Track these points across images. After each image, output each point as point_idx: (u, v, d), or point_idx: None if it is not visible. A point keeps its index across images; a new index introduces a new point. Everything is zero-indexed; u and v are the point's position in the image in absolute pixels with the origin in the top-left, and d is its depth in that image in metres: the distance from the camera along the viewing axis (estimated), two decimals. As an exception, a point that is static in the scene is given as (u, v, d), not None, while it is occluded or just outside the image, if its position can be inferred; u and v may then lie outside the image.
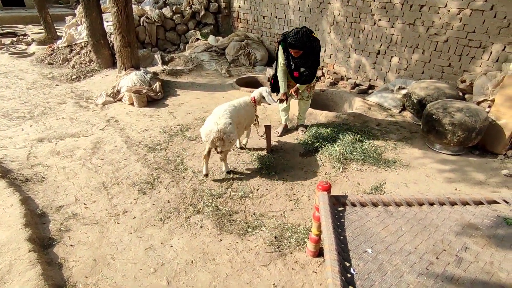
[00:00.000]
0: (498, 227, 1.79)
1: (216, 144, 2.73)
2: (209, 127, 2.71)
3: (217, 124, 2.69)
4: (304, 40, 3.02)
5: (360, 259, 1.51)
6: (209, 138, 2.71)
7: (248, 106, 3.17)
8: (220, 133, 2.66)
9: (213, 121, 2.74)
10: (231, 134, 2.71)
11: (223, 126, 2.67)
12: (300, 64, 3.28)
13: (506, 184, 2.94)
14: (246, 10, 7.37)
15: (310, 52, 3.17)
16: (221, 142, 2.71)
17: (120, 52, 5.11)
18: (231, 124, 2.72)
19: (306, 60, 3.23)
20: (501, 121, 3.36)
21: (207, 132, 2.71)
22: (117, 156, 3.33)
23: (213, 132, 2.67)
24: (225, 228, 2.40)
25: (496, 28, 3.72)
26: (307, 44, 3.07)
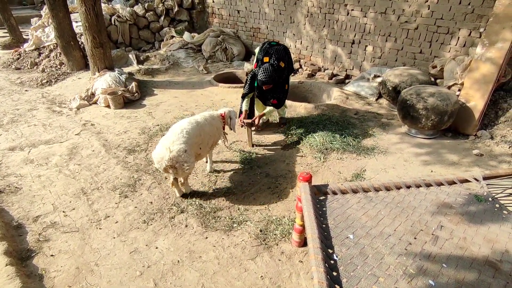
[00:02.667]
0: (470, 204, 1.88)
1: (169, 171, 2.42)
2: (161, 154, 2.35)
3: (169, 150, 2.32)
4: (274, 77, 3.20)
5: (342, 245, 1.56)
6: (161, 166, 2.39)
7: (215, 120, 2.83)
8: (172, 161, 2.31)
9: (165, 145, 2.35)
10: (184, 164, 2.34)
11: (176, 153, 2.31)
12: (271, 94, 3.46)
13: (477, 163, 3.09)
14: (220, 5, 7.28)
15: (279, 80, 3.35)
16: (173, 170, 2.39)
17: (92, 53, 4.94)
18: (185, 151, 2.34)
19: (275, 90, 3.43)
20: (470, 104, 3.50)
21: (158, 159, 2.37)
22: (95, 161, 3.24)
23: (164, 160, 2.33)
24: (210, 225, 2.39)
25: (462, 14, 3.86)
26: (276, 79, 3.25)
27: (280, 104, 3.54)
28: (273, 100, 3.47)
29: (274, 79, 3.21)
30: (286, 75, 3.45)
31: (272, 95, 3.45)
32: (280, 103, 3.53)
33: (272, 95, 3.45)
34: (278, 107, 3.56)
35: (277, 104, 3.51)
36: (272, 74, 3.18)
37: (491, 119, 3.59)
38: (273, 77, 3.20)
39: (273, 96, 3.46)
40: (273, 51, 3.34)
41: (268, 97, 3.48)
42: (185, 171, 2.41)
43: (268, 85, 3.25)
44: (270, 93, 3.44)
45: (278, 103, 3.51)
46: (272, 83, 3.24)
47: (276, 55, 3.30)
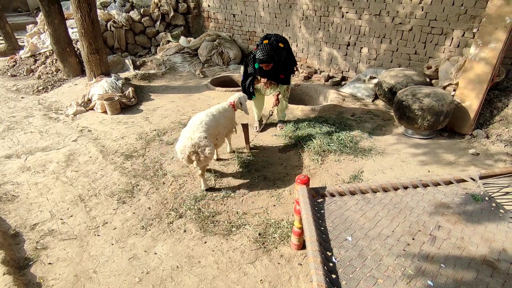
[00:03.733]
0: (467, 203, 1.89)
1: (192, 159, 2.57)
2: (183, 143, 2.56)
3: (191, 138, 2.53)
4: (271, 52, 3.15)
5: (341, 247, 1.56)
6: (184, 154, 2.56)
7: (227, 112, 3.03)
8: (195, 147, 2.51)
9: (187, 136, 2.57)
10: (206, 148, 2.52)
11: (197, 140, 2.51)
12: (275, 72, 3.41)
13: (473, 162, 3.11)
14: (216, 9, 7.31)
15: (280, 58, 3.30)
16: (196, 156, 2.56)
17: (88, 60, 4.94)
18: (206, 137, 2.54)
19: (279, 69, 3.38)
20: (465, 103, 3.53)
21: (182, 148, 2.56)
22: (92, 167, 3.23)
23: (187, 147, 2.52)
24: (209, 230, 2.39)
25: (455, 15, 3.90)
26: (276, 53, 3.22)
27: (287, 80, 3.54)
28: (281, 75, 3.44)
29: (272, 57, 3.16)
30: (286, 57, 3.38)
31: (278, 72, 3.40)
32: (287, 79, 3.53)
33: (277, 72, 3.40)
34: (286, 82, 3.55)
35: (284, 79, 3.49)
36: (270, 52, 3.14)
37: (486, 118, 3.62)
38: (271, 55, 3.15)
39: (279, 72, 3.41)
40: (273, 35, 3.41)
41: (273, 75, 3.42)
42: (207, 156, 2.55)
43: (267, 63, 3.19)
44: (274, 72, 3.38)
45: (285, 78, 3.49)
46: (271, 61, 3.18)
47: (275, 38, 3.36)
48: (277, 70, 3.38)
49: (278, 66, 3.35)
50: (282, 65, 3.38)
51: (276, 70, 3.37)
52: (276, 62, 3.27)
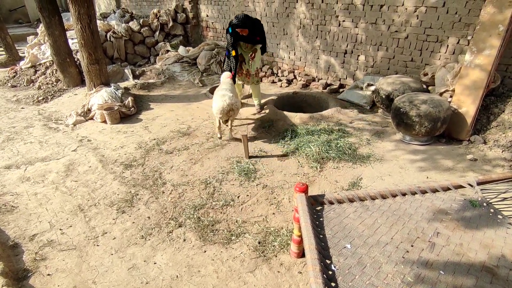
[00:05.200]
0: (465, 210, 1.90)
1: (229, 114, 3.58)
2: (220, 104, 3.51)
3: (225, 100, 3.50)
4: (245, 19, 3.82)
5: (340, 255, 1.56)
6: (223, 112, 3.52)
7: (231, 85, 3.99)
8: (230, 106, 3.52)
9: (220, 100, 3.53)
10: (236, 103, 3.61)
11: (229, 100, 3.53)
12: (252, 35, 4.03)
13: (471, 168, 3.12)
14: (214, 19, 7.41)
15: (254, 28, 3.96)
16: (231, 112, 3.57)
17: (88, 70, 4.99)
18: (233, 96, 3.61)
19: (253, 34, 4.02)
20: (462, 109, 3.56)
21: (220, 108, 3.50)
22: (92, 177, 3.24)
23: (224, 106, 3.49)
24: (208, 239, 2.39)
25: (450, 23, 3.97)
26: (249, 23, 3.85)
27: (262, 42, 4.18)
28: (257, 37, 4.06)
29: (245, 23, 3.80)
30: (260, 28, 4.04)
31: (254, 35, 4.02)
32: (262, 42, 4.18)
33: (254, 35, 4.01)
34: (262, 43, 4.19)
35: (260, 41, 4.13)
36: (245, 19, 3.80)
37: (483, 124, 3.65)
38: (245, 21, 3.79)
39: (256, 35, 4.03)
40: None
41: (250, 38, 4.03)
42: (238, 108, 3.68)
43: (242, 28, 3.83)
44: (251, 36, 3.99)
45: (261, 40, 4.14)
46: (245, 26, 3.82)
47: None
48: (254, 33, 3.99)
49: (254, 31, 3.97)
50: (258, 32, 4.03)
51: (253, 33, 3.99)
52: (250, 28, 3.88)
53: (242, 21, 3.80)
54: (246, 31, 3.89)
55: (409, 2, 4.23)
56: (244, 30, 3.87)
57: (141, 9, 9.52)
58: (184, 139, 3.94)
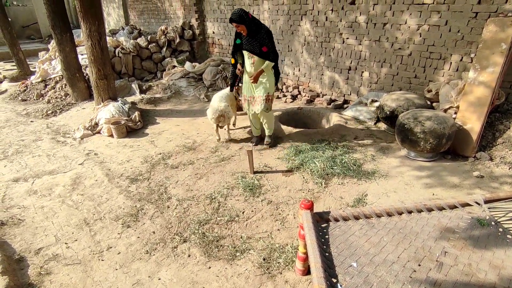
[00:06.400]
0: (473, 228, 1.88)
1: (219, 119, 3.89)
2: (213, 109, 3.89)
3: (219, 106, 3.88)
4: (241, 14, 3.31)
5: (346, 273, 1.55)
6: (214, 116, 3.86)
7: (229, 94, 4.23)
8: (222, 112, 3.85)
9: (215, 105, 3.91)
10: (228, 113, 3.92)
11: (223, 107, 3.88)
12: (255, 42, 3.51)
13: (478, 185, 3.09)
14: (220, 35, 7.59)
15: (255, 30, 3.43)
16: (222, 118, 3.89)
17: (97, 85, 5.10)
18: (227, 106, 3.92)
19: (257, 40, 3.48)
20: (467, 126, 3.56)
21: (213, 112, 3.88)
22: (98, 191, 3.26)
23: (217, 111, 3.85)
24: (213, 255, 2.37)
25: (452, 41, 4.02)
26: (247, 19, 3.35)
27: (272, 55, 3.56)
28: (263, 48, 3.50)
29: (242, 17, 3.30)
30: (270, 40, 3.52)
31: (258, 43, 3.48)
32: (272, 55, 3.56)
33: (257, 43, 3.48)
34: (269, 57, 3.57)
35: (267, 53, 3.54)
36: (241, 13, 3.31)
37: (489, 141, 3.64)
38: (241, 15, 3.30)
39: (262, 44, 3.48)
40: None
41: (254, 46, 3.50)
42: (229, 117, 3.98)
43: (236, 23, 3.34)
44: (254, 41, 3.49)
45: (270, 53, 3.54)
46: (239, 21, 3.32)
47: None
48: (257, 39, 3.46)
49: (258, 35, 3.45)
50: (266, 37, 3.46)
51: (258, 41, 3.46)
52: (251, 28, 3.39)
53: (237, 14, 3.31)
54: (244, 29, 3.39)
55: (411, 20, 4.31)
56: (241, 27, 3.38)
57: (149, 26, 9.79)
58: (189, 154, 3.97)
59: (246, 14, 3.36)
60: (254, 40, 3.46)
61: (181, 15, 8.36)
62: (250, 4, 6.46)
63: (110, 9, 11.44)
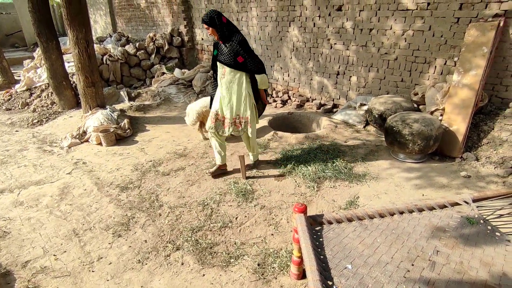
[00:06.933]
0: (463, 227, 1.92)
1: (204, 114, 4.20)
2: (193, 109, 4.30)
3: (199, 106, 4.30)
4: (212, 15, 2.90)
5: (341, 276, 1.55)
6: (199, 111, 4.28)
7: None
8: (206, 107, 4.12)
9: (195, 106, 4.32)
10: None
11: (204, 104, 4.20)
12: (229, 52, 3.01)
13: (466, 185, 3.16)
14: (209, 42, 7.61)
15: (227, 35, 2.97)
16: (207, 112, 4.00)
17: (84, 93, 5.03)
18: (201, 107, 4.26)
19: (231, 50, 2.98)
20: (453, 127, 3.65)
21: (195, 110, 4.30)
22: (87, 200, 3.19)
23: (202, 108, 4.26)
24: (207, 262, 2.34)
25: (436, 45, 4.14)
26: (218, 22, 2.91)
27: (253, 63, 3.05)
28: (239, 58, 2.98)
29: (212, 19, 2.89)
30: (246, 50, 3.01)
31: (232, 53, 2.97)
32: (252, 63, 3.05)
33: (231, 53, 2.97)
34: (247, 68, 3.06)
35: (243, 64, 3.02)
36: (212, 14, 2.89)
37: (474, 141, 3.73)
38: (212, 16, 2.88)
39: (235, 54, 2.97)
40: None
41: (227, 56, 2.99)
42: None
43: (207, 25, 2.92)
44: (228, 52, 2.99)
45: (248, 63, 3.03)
46: (210, 23, 2.90)
47: None
48: (232, 51, 2.96)
49: (233, 46, 2.96)
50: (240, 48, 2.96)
51: (231, 50, 2.96)
52: (222, 32, 2.95)
53: (208, 15, 2.91)
54: (214, 32, 2.95)
55: (396, 26, 4.42)
56: (211, 30, 2.95)
57: (137, 33, 9.74)
58: (180, 161, 3.94)
59: (219, 17, 2.93)
60: (227, 49, 2.99)
61: (169, 22, 8.36)
62: (239, 11, 6.52)
63: (97, 16, 11.35)
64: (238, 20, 6.60)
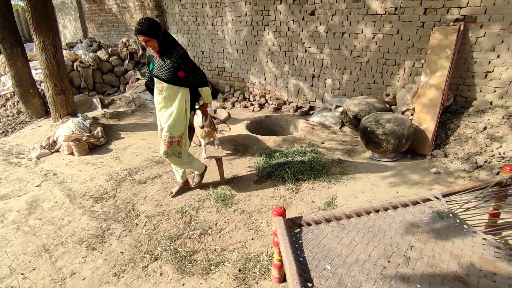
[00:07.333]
0: (434, 222, 2.00)
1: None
2: None
3: None
4: (153, 24, 2.50)
5: (321, 277, 1.56)
6: None
7: None
8: None
9: None
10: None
11: None
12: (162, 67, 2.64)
13: (437, 181, 3.30)
14: (184, 46, 7.48)
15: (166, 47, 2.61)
16: None
17: (53, 101, 4.81)
18: None
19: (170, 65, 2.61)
20: (423, 126, 3.81)
21: None
22: (58, 213, 3.05)
23: None
24: (186, 271, 2.29)
25: (405, 48, 4.32)
26: (160, 32, 2.54)
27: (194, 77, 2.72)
28: (180, 73, 2.63)
29: (154, 28, 2.49)
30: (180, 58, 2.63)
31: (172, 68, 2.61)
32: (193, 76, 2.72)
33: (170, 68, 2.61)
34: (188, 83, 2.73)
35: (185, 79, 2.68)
36: (152, 23, 2.50)
37: (442, 139, 3.91)
38: (153, 25, 2.49)
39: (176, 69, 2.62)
40: None
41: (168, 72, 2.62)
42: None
43: (146, 37, 2.49)
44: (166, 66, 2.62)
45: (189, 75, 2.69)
46: (151, 34, 2.49)
47: None
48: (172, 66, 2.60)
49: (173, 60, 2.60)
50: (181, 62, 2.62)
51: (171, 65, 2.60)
52: (162, 43, 2.58)
53: (146, 24, 2.48)
54: (155, 44, 2.57)
55: (367, 30, 4.58)
56: (152, 42, 2.54)
57: (109, 39, 9.49)
58: (157, 168, 3.85)
59: (159, 26, 2.55)
60: (166, 64, 2.61)
61: (142, 27, 8.19)
62: (214, 16, 6.51)
63: (66, 21, 10.95)
64: (214, 24, 6.59)
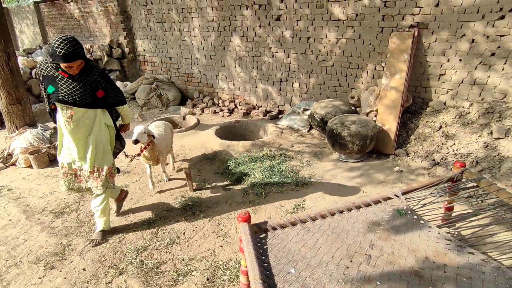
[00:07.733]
0: (394, 219, 2.07)
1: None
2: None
3: None
4: (80, 45, 2.14)
5: (285, 281, 1.57)
6: None
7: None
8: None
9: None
10: None
11: None
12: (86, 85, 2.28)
13: (400, 179, 3.45)
14: (152, 53, 7.37)
15: (89, 68, 2.28)
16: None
17: (8, 111, 4.52)
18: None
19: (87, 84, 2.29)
20: (386, 127, 3.98)
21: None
22: (13, 231, 2.84)
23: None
24: (153, 283, 2.22)
25: (366, 52, 4.50)
26: (83, 51, 2.18)
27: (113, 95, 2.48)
28: (99, 92, 2.33)
29: (81, 47, 2.12)
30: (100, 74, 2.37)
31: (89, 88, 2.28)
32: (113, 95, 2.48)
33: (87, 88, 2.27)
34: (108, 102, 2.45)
35: (104, 98, 2.39)
36: (77, 43, 2.09)
37: (404, 138, 4.10)
38: (79, 45, 2.11)
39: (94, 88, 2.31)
40: None
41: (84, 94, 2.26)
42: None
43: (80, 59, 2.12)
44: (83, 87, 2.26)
45: (109, 93, 2.44)
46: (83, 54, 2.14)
47: None
48: (89, 85, 2.27)
49: (92, 79, 2.29)
50: (101, 79, 2.35)
51: (88, 84, 2.27)
52: (84, 59, 2.19)
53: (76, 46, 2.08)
54: (79, 68, 2.19)
55: (331, 35, 4.72)
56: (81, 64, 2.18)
57: (72, 44, 9.08)
58: (123, 178, 3.72)
59: (81, 46, 2.15)
60: (81, 85, 2.24)
61: (107, 33, 7.93)
62: (180, 21, 6.43)
63: (23, 26, 10.37)
64: (181, 30, 6.51)
